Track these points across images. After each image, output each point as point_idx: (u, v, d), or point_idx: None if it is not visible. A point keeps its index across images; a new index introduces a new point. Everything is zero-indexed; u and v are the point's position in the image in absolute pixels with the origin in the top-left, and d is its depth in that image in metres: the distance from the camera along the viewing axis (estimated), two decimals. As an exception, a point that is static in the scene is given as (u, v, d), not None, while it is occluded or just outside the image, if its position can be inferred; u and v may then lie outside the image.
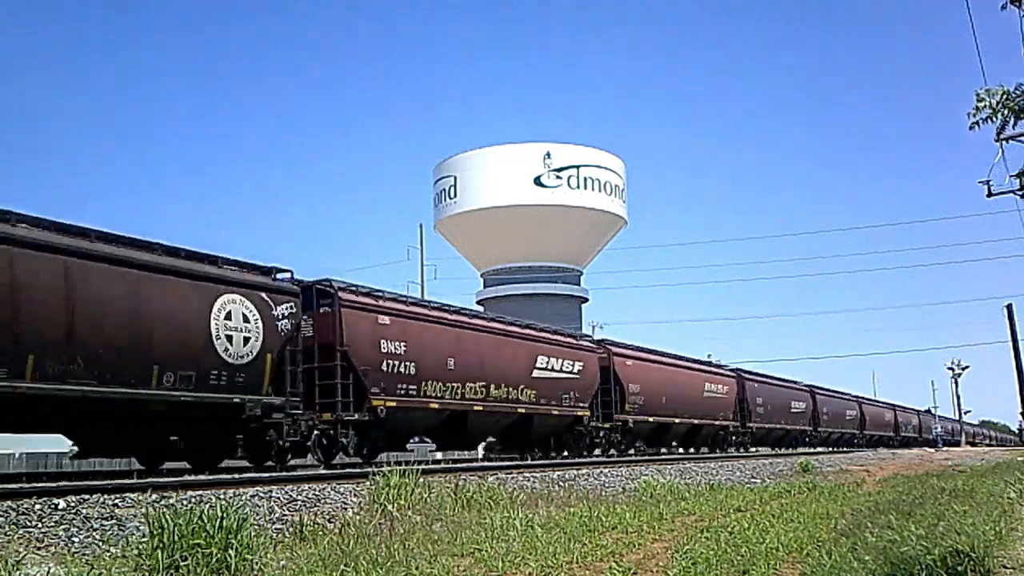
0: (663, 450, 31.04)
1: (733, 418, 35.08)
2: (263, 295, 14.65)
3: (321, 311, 16.48)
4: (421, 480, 10.77)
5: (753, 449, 37.08)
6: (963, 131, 6.51)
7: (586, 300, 72.99)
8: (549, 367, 22.92)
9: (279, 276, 15.58)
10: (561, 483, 15.03)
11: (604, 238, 73.38)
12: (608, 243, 74.70)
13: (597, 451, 25.59)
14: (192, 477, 12.93)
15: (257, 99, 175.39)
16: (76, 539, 7.71)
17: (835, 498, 13.69)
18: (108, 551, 7.14)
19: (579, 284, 73.03)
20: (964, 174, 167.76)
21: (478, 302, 68.35)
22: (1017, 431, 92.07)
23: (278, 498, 10.45)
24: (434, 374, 18.55)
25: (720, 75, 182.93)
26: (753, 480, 19.57)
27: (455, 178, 69.96)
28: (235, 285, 14.24)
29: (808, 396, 45.30)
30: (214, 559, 6.28)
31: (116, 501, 9.26)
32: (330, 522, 9.36)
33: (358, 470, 14.18)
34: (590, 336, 28.41)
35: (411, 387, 17.79)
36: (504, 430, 22.55)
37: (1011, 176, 10.25)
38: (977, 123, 6.52)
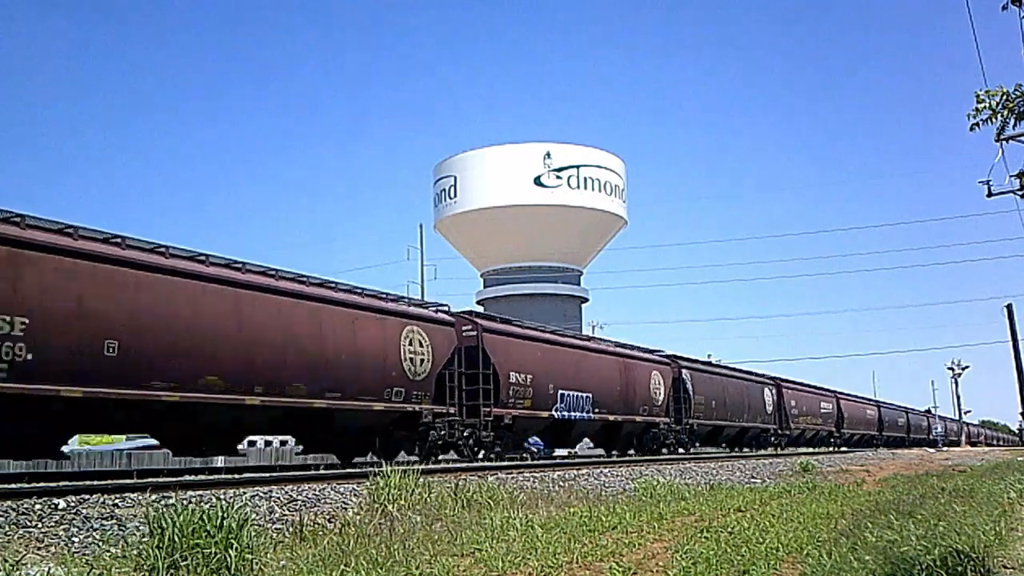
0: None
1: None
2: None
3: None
4: (421, 480, 10.77)
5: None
6: (963, 131, 6.51)
7: (586, 300, 72.96)
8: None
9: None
10: (561, 483, 15.03)
11: (604, 238, 73.33)
12: (608, 243, 74.67)
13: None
14: (192, 477, 12.93)
15: (257, 99, 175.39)
16: (76, 539, 7.70)
17: (835, 498, 13.69)
18: (108, 551, 7.14)
19: (579, 284, 72.97)
20: (964, 174, 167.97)
21: (478, 302, 68.35)
22: (1017, 431, 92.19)
23: (278, 498, 10.45)
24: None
25: (720, 75, 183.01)
26: (753, 480, 19.57)
27: (455, 178, 69.92)
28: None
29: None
30: (214, 559, 6.28)
31: (116, 501, 9.26)
32: (330, 522, 9.36)
33: (358, 470, 14.21)
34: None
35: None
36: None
37: (1011, 176, 10.26)
38: (977, 124, 6.52)
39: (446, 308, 20.66)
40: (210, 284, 13.96)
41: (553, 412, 22.87)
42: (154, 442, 21.84)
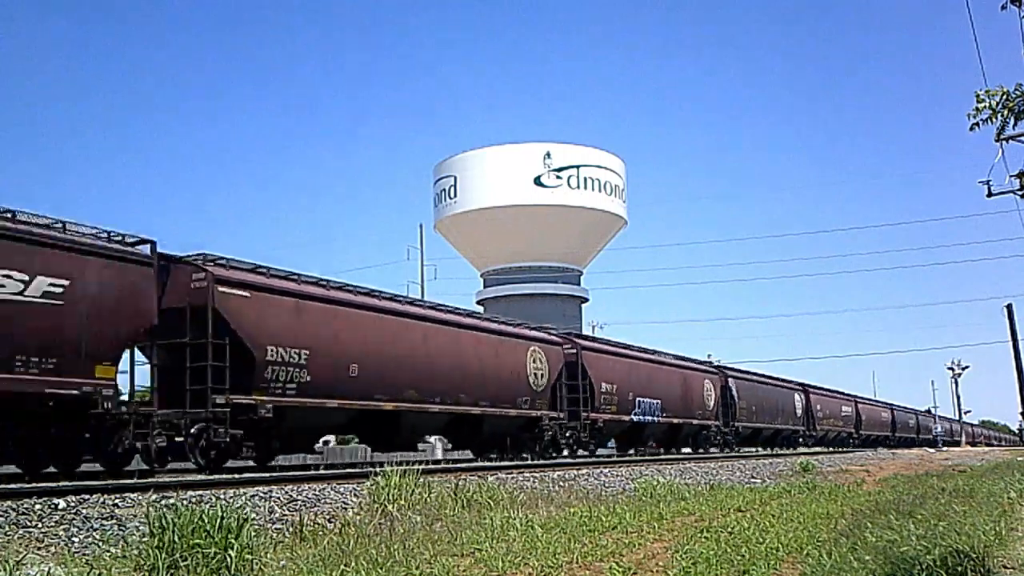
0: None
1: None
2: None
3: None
4: (421, 480, 10.77)
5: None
6: (963, 131, 6.50)
7: (586, 300, 72.96)
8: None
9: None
10: (561, 483, 15.02)
11: (604, 238, 73.31)
12: (608, 243, 74.65)
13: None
14: (192, 477, 12.94)
15: (256, 99, 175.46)
16: (76, 539, 7.70)
17: (835, 498, 13.68)
18: (108, 551, 7.14)
19: (579, 284, 72.96)
20: (964, 174, 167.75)
21: (478, 302, 68.34)
22: (1017, 431, 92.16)
23: (278, 498, 10.44)
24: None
25: (720, 75, 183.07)
26: (753, 480, 19.56)
27: (455, 178, 69.90)
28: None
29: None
30: (214, 559, 6.28)
31: (116, 501, 9.26)
32: (330, 522, 9.35)
33: (358, 470, 14.24)
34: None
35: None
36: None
37: (1011, 176, 10.26)
38: (977, 123, 6.51)
39: (555, 331, 25.95)
40: (408, 320, 18.66)
41: (632, 416, 27.64)
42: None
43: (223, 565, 6.27)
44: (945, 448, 62.70)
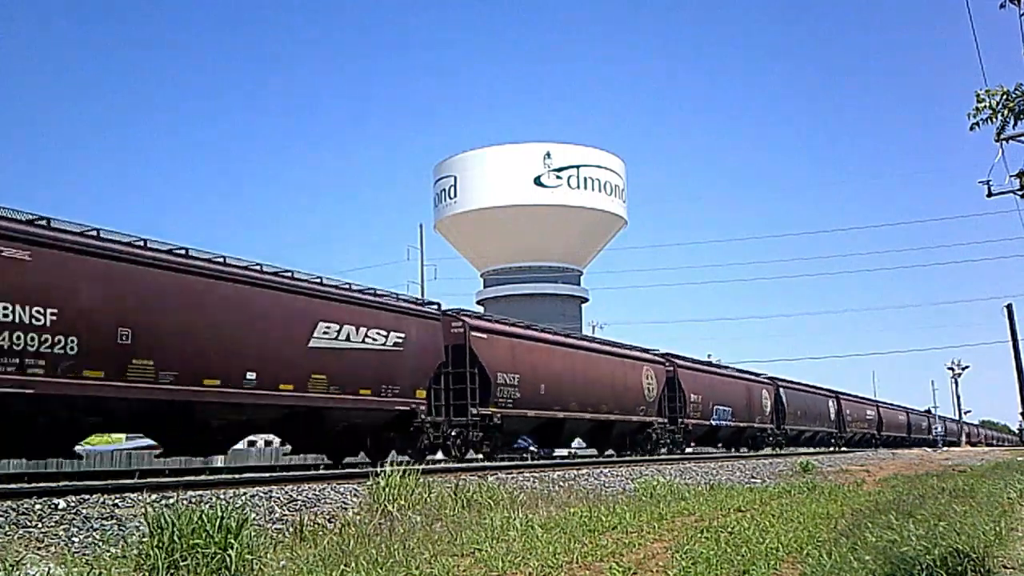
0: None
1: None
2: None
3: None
4: (421, 480, 10.76)
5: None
6: (963, 131, 6.50)
7: (586, 300, 72.95)
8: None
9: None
10: (561, 483, 15.02)
11: (604, 238, 73.31)
12: (608, 243, 74.67)
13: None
14: (192, 477, 12.94)
15: (257, 99, 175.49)
16: (76, 539, 7.70)
17: (835, 498, 13.68)
18: (108, 551, 7.14)
19: (579, 284, 72.96)
20: (964, 174, 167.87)
21: (478, 302, 68.34)
22: (1017, 431, 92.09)
23: (278, 498, 10.44)
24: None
25: (720, 75, 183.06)
26: (753, 480, 19.55)
27: (455, 178, 69.89)
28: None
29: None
30: (214, 559, 6.27)
31: (116, 501, 9.25)
32: (330, 522, 9.35)
33: (358, 470, 14.24)
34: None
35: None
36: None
37: (1011, 176, 10.26)
38: (977, 123, 6.51)
39: (656, 352, 31.26)
40: (569, 349, 25.09)
41: (711, 421, 33.11)
42: (152, 442, 21.92)
43: (223, 565, 6.26)
44: (945, 448, 62.70)
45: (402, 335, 18.02)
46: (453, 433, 19.54)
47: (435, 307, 20.17)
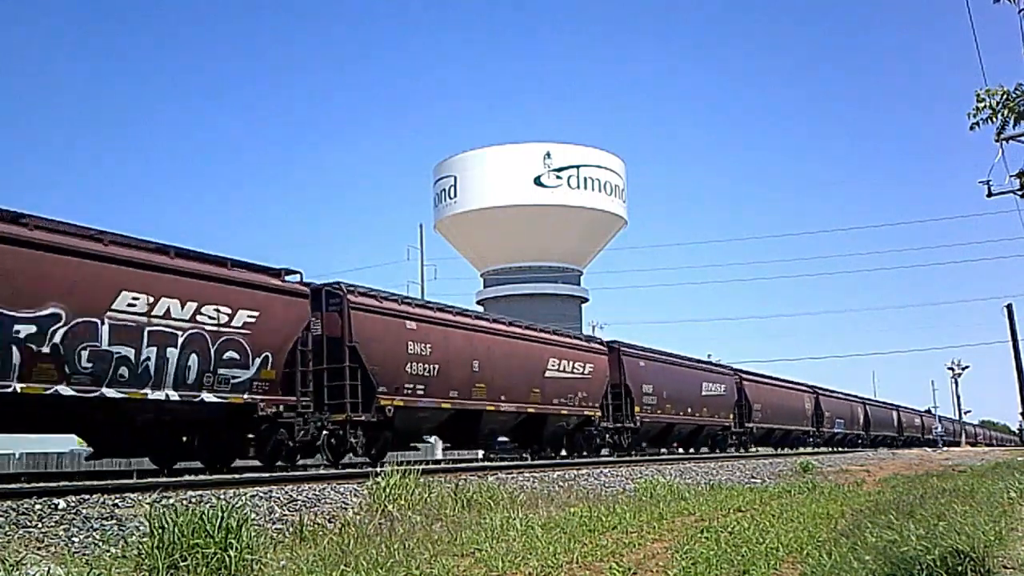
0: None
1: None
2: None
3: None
4: (421, 480, 10.77)
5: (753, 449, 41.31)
6: (963, 131, 6.51)
7: (586, 300, 72.93)
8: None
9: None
10: (561, 483, 15.02)
11: (604, 238, 73.28)
12: (608, 243, 74.62)
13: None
14: (192, 477, 12.95)
15: (256, 99, 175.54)
16: (76, 539, 7.70)
17: (835, 498, 13.68)
18: (108, 551, 7.14)
19: (579, 284, 72.93)
20: (964, 174, 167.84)
21: (478, 302, 68.30)
22: (1017, 431, 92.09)
23: (278, 498, 10.45)
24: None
25: (720, 75, 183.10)
26: (753, 480, 19.56)
27: (455, 178, 69.87)
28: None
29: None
30: (214, 559, 6.28)
31: (116, 501, 9.25)
32: (330, 522, 9.36)
33: (359, 470, 14.25)
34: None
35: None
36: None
37: (1011, 176, 10.28)
38: (977, 123, 6.51)
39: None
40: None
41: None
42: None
43: (223, 565, 6.27)
44: (945, 448, 62.70)
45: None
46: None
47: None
